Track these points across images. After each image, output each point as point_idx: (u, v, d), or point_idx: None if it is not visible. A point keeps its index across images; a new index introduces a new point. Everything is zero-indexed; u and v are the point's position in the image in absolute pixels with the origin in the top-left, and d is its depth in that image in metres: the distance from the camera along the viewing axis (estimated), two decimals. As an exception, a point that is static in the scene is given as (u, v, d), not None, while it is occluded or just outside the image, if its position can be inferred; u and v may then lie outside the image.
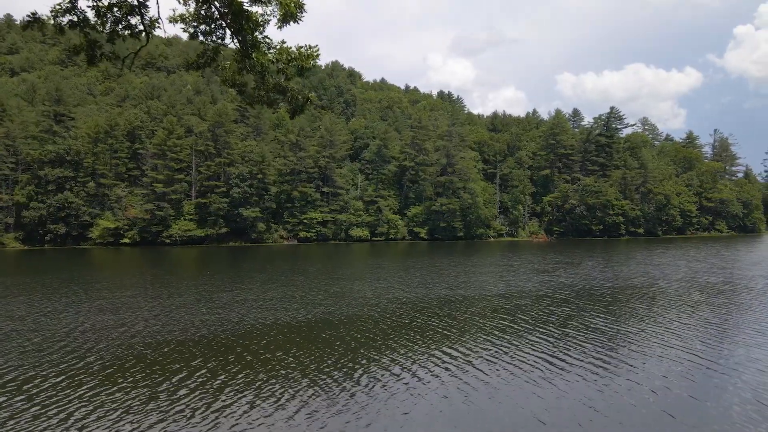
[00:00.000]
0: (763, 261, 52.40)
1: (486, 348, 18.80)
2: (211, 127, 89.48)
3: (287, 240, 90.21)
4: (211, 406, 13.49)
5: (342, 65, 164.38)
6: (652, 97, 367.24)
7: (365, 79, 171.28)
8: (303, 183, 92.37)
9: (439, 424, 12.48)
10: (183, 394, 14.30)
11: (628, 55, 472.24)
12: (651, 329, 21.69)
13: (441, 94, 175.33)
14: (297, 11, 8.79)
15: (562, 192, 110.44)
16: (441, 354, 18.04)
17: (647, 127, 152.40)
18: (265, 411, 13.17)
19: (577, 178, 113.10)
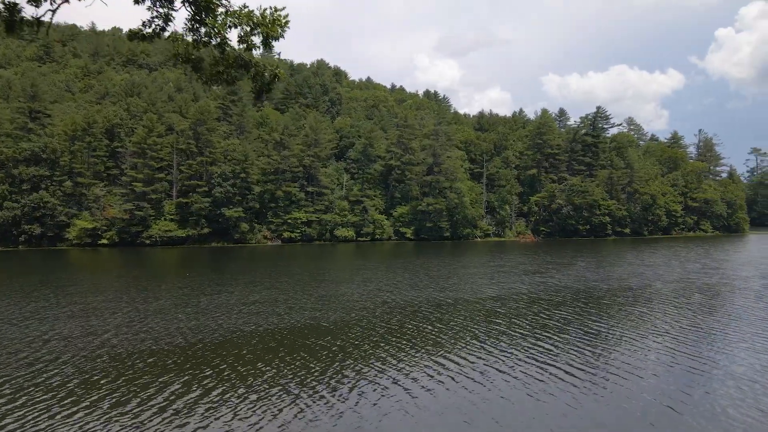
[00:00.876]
0: (754, 261, 51.93)
1: (483, 358, 17.48)
2: (193, 125, 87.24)
3: (271, 240, 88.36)
4: (183, 428, 11.99)
5: (327, 64, 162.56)
6: (635, 99, 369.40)
7: (351, 78, 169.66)
8: (287, 182, 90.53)
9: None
10: (150, 414, 12.77)
11: (612, 57, 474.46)
12: (654, 334, 20.56)
13: (427, 93, 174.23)
14: None
15: (548, 192, 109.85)
16: (435, 365, 16.68)
17: (633, 127, 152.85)
18: (243, 434, 11.72)
19: (564, 177, 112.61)
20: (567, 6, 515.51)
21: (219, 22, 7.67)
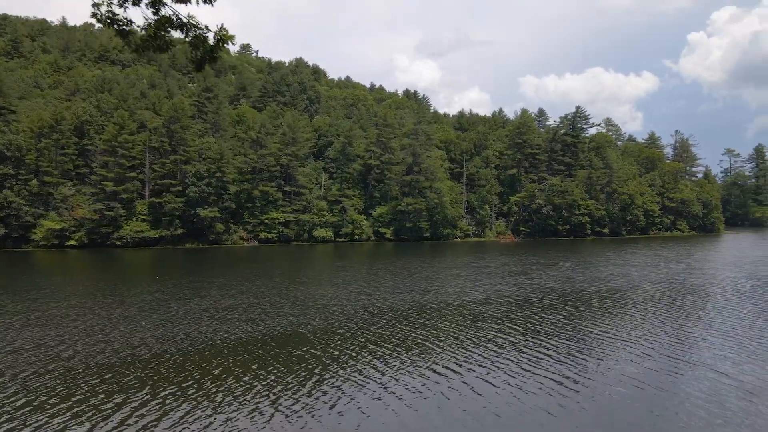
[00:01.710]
0: (736, 261, 51.65)
1: (474, 369, 16.14)
2: (167, 123, 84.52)
3: (247, 241, 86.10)
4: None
5: (306, 62, 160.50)
6: (611, 101, 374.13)
7: (330, 77, 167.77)
8: (264, 182, 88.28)
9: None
10: (101, 443, 11.15)
11: (588, 60, 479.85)
12: (650, 337, 19.48)
13: (407, 93, 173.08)
14: None
15: (528, 192, 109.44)
16: (423, 373, 15.29)
17: (611, 128, 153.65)
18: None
19: (544, 177, 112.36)
20: (545, 9, 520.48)
21: None
